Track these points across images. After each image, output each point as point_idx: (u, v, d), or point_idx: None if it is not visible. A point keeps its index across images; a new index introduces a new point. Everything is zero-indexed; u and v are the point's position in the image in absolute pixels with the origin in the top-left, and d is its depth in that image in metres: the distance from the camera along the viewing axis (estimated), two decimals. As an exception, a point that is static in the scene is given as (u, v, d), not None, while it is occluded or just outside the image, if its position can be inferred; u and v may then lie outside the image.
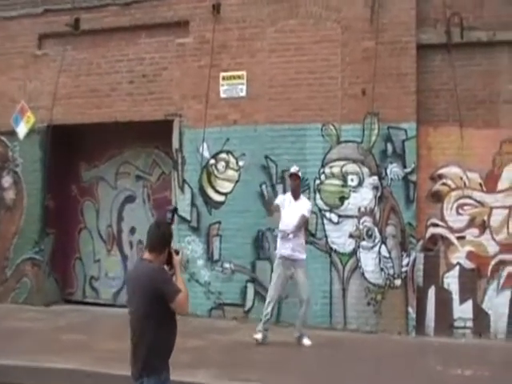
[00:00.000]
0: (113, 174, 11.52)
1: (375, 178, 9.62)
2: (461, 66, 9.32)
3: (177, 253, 4.42)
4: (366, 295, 9.60)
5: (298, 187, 8.70)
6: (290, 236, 8.39)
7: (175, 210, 4.98)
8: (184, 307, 4.29)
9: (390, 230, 9.50)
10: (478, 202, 9.33)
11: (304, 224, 8.66)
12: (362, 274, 9.61)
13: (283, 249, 8.49)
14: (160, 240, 4.33)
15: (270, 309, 8.53)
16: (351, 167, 9.67)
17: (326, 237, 9.81)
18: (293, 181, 8.64)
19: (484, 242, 9.28)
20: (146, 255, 4.36)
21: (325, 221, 9.88)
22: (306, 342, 8.61)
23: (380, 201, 9.51)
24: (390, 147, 9.55)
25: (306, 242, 9.23)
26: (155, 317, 4.26)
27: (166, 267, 4.40)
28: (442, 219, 9.40)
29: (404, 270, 9.37)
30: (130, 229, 11.46)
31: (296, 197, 8.64)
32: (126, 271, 10.52)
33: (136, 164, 11.41)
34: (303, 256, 8.64)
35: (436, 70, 9.45)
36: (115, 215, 11.55)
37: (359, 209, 9.70)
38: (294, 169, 8.72)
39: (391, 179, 9.51)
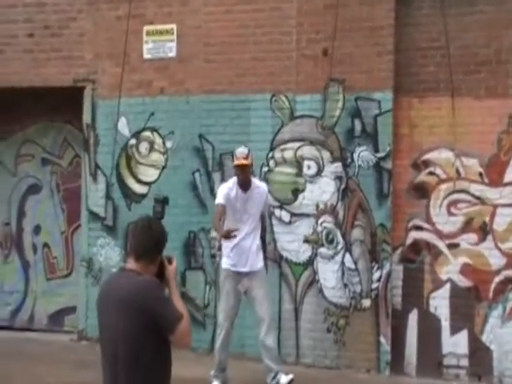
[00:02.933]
0: (11, 157, 9.51)
1: (338, 164, 7.92)
2: (456, 15, 7.55)
3: (169, 261, 3.57)
4: (325, 319, 7.89)
5: (247, 178, 6.87)
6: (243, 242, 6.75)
7: (165, 201, 4.24)
8: (187, 340, 3.47)
9: (356, 233, 7.82)
10: (477, 197, 7.47)
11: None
12: (320, 290, 7.91)
13: (233, 259, 6.79)
14: (153, 243, 3.52)
15: (220, 342, 6.74)
16: (308, 151, 8.00)
17: (274, 241, 8.07)
18: (240, 171, 6.76)
19: (484, 252, 7.41)
20: (131, 264, 3.52)
21: (273, 220, 8.11)
22: (284, 380, 6.79)
23: (344, 195, 7.86)
24: (358, 124, 7.85)
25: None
26: (146, 356, 3.39)
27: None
28: (428, 221, 7.61)
29: (375, 286, 7.69)
30: (33, 228, 9.46)
31: (246, 188, 6.84)
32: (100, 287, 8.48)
33: (42, 144, 9.40)
34: (261, 263, 6.95)
35: (422, 22, 7.72)
36: (15, 210, 9.53)
37: (317, 205, 7.99)
38: (240, 152, 6.83)
39: (359, 167, 7.82)
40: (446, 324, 7.50)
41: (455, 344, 7.48)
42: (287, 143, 8.13)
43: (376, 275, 7.69)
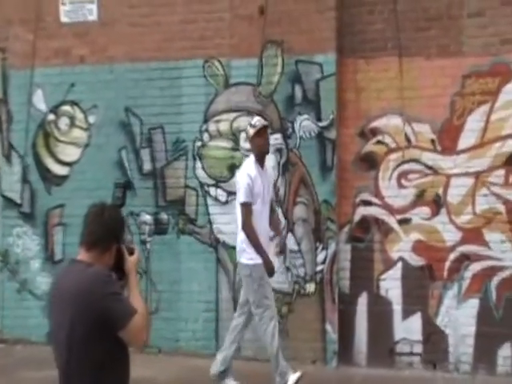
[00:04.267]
0: None
1: (278, 136, 7.93)
2: (404, -35, 7.45)
3: (130, 252, 3.64)
4: None
5: (269, 145, 6.86)
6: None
7: (127, 186, 4.60)
8: (141, 337, 3.51)
9: (299, 211, 7.86)
10: (430, 167, 7.56)
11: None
12: None
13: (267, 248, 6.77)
14: (105, 231, 3.58)
15: (277, 338, 6.65)
16: (245, 122, 7.74)
17: (210, 223, 8.15)
18: (261, 139, 6.73)
19: (438, 227, 7.51)
20: (82, 255, 3.59)
21: (208, 200, 8.18)
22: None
23: (285, 169, 7.91)
24: (298, 91, 7.88)
25: (191, 233, 8.21)
26: (100, 356, 3.45)
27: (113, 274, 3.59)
28: (377, 195, 7.69)
29: (320, 269, 7.74)
30: None
31: (263, 163, 6.83)
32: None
33: None
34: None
35: (367, -26, 7.62)
36: None
37: None
38: (256, 119, 6.86)
39: (301, 137, 7.86)
40: (397, 308, 7.58)
41: (408, 329, 7.56)
42: (222, 114, 8.15)
43: (321, 257, 7.74)
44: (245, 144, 8.00)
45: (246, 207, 6.55)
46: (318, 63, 7.76)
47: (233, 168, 8.05)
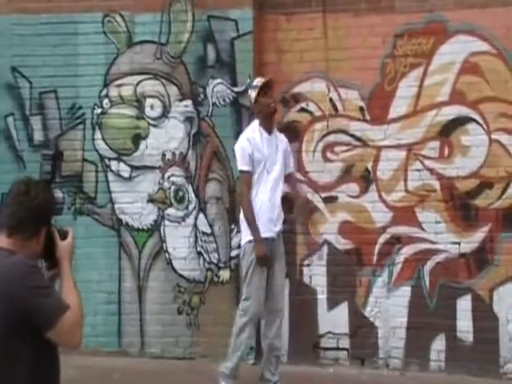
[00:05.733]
0: None
1: (188, 102, 8.09)
2: None
3: (63, 236, 3.53)
4: (174, 297, 8.10)
5: (275, 107, 6.87)
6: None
7: (58, 157, 4.50)
8: (74, 337, 3.38)
9: (212, 189, 8.05)
10: (358, 139, 7.72)
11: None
12: (169, 262, 8.13)
13: (269, 225, 6.61)
14: (31, 212, 3.45)
15: (245, 335, 6.65)
16: (151, 86, 8.10)
17: (111, 202, 8.25)
18: (266, 98, 6.73)
19: (367, 206, 7.70)
20: (3, 241, 3.46)
21: (109, 176, 8.27)
22: None
23: (196, 141, 8.04)
24: (211, 51, 8.01)
25: (90, 214, 8.26)
26: (23, 358, 3.37)
27: (40, 264, 3.52)
28: (300, 169, 7.81)
29: (235, 254, 7.88)
30: None
31: (271, 129, 6.80)
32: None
33: None
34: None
35: None
36: None
37: (163, 155, 8.16)
38: (258, 79, 6.93)
39: (214, 105, 8.01)
40: (322, 297, 7.76)
41: (334, 321, 7.71)
42: (125, 77, 8.19)
43: (236, 240, 7.82)
44: (151, 112, 8.10)
45: (243, 176, 6.60)
46: (233, 20, 7.87)
47: (137, 139, 8.14)
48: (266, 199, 6.61)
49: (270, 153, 6.66)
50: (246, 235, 6.64)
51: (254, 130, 6.72)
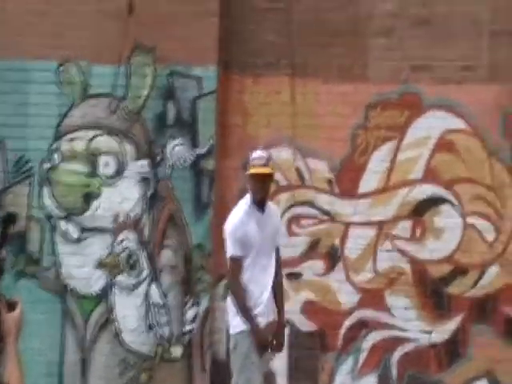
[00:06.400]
0: None
1: (145, 162, 8.16)
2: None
3: (11, 307, 3.32)
4: (120, 373, 8.07)
5: (267, 194, 6.61)
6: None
7: (10, 220, 3.72)
8: None
9: (166, 256, 8.10)
10: (326, 212, 7.87)
11: None
12: (117, 334, 8.11)
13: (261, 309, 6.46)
14: None
15: None
16: (106, 142, 8.20)
17: (57, 265, 8.23)
18: (259, 183, 6.48)
19: (333, 286, 7.80)
20: None
21: (56, 236, 8.27)
22: None
23: (152, 204, 8.13)
24: (172, 109, 8.14)
25: (33, 277, 8.24)
26: None
27: None
28: None
29: (188, 328, 7.97)
30: None
31: (263, 207, 6.57)
32: None
33: None
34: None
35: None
36: None
37: (116, 217, 8.21)
38: (258, 156, 6.57)
39: (173, 166, 8.11)
40: (282, 382, 7.75)
41: None
42: (78, 131, 8.21)
43: (190, 314, 7.90)
44: (105, 170, 8.10)
45: (233, 262, 6.39)
46: (197, 77, 7.96)
47: (89, 198, 8.15)
48: (265, 284, 6.50)
49: (265, 233, 6.50)
50: (236, 325, 6.42)
51: (242, 208, 6.52)
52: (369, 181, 7.61)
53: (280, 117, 7.85)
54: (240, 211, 6.43)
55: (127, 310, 8.01)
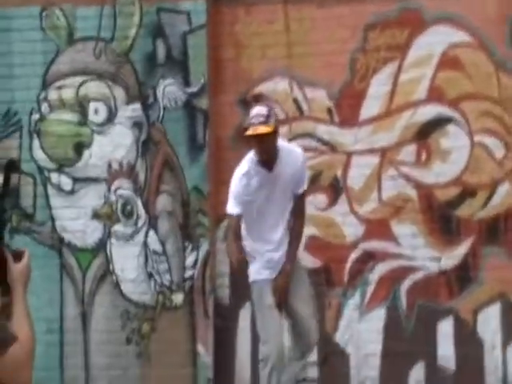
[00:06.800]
0: None
1: (137, 106, 8.29)
2: None
3: (17, 257, 3.18)
4: (122, 325, 8.25)
5: (271, 152, 6.37)
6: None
7: (13, 167, 4.10)
8: (21, 373, 3.01)
9: (162, 202, 8.28)
10: (326, 143, 8.00)
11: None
12: (117, 285, 8.31)
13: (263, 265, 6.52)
14: None
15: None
16: (95, 88, 8.31)
17: (51, 219, 8.43)
18: (258, 144, 6.32)
19: (337, 219, 7.96)
20: None
21: (49, 189, 8.48)
22: None
23: (146, 149, 8.28)
24: (161, 48, 8.22)
25: (28, 232, 8.28)
26: None
27: None
28: None
29: (189, 274, 8.12)
30: None
31: (272, 164, 6.44)
32: None
33: None
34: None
35: None
36: None
37: (109, 165, 8.38)
38: (256, 113, 6.35)
39: (165, 108, 8.23)
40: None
41: None
42: (65, 78, 8.35)
43: (191, 259, 8.08)
44: (95, 117, 8.22)
45: (229, 219, 6.51)
46: (185, 11, 8.10)
47: (80, 147, 8.31)
48: (269, 242, 6.48)
49: (268, 193, 6.41)
50: (249, 274, 6.59)
51: (250, 171, 6.37)
52: (370, 106, 7.74)
53: (275, 47, 7.96)
54: (242, 169, 6.42)
55: (125, 260, 8.20)
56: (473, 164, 7.43)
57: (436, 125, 7.55)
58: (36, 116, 8.30)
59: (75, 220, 8.26)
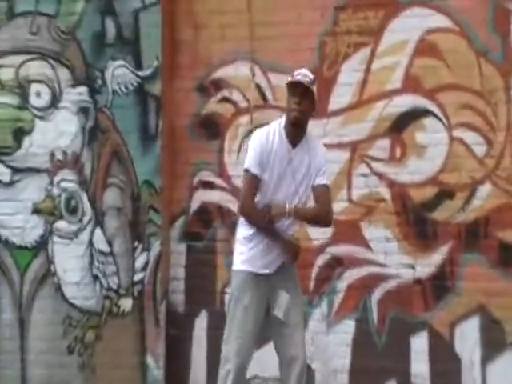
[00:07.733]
0: None
1: (83, 89, 8.22)
2: None
3: None
4: (64, 332, 8.16)
5: (305, 116, 6.09)
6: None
7: None
8: None
9: (110, 197, 8.18)
10: None
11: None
12: (59, 288, 8.21)
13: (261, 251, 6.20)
14: None
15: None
16: (37, 68, 8.24)
17: None
18: (298, 96, 6.00)
19: None
20: None
21: None
22: None
23: (93, 137, 8.18)
24: (111, 26, 8.16)
25: None
26: None
27: None
28: (222, 174, 8.04)
29: (138, 278, 8.03)
30: None
31: (296, 140, 6.17)
32: None
33: None
34: None
35: None
36: None
37: (52, 155, 8.26)
38: (303, 73, 6.10)
39: (114, 93, 8.14)
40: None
41: (261, 363, 7.42)
42: (4, 57, 8.31)
43: (141, 261, 7.96)
44: (37, 101, 8.16)
45: (247, 176, 6.07)
46: None
47: (20, 134, 8.26)
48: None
49: (282, 169, 6.11)
50: (235, 260, 6.33)
51: (273, 133, 6.15)
52: (340, 96, 7.48)
53: (236, 28, 7.80)
54: (265, 129, 6.15)
55: (69, 260, 8.13)
56: (451, 162, 7.16)
57: (411, 117, 7.29)
58: (-29, 99, 8.33)
59: (13, 215, 8.18)
